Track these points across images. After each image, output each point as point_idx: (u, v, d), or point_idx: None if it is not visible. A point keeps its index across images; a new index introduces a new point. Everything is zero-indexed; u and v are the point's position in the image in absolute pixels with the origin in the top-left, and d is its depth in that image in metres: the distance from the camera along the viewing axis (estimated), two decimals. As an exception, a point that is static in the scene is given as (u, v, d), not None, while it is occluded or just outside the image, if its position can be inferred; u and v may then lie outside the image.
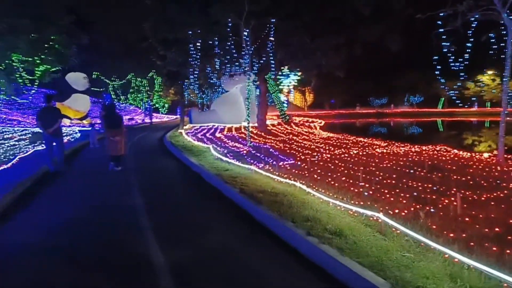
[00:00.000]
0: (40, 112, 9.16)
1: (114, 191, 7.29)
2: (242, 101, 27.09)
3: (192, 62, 14.15)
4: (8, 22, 11.67)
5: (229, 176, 8.05)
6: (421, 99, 75.82)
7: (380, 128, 34.62)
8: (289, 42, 14.06)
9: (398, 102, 77.66)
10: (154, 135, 21.56)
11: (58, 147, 9.25)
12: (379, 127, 36.97)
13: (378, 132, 29.71)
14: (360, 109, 77.28)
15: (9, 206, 6.07)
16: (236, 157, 10.29)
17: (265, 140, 14.12)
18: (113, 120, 9.53)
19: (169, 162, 11.06)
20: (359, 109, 78.05)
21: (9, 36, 12.26)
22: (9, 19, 11.66)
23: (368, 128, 34.44)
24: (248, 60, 10.79)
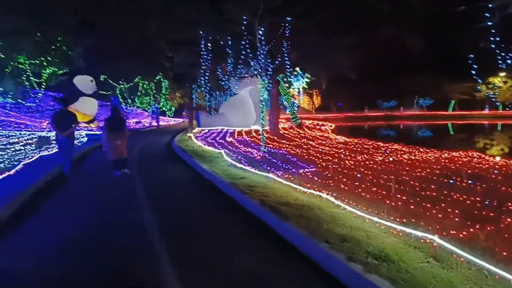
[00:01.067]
0: (55, 115, 9.15)
1: (121, 204, 6.69)
2: (251, 104, 26.55)
3: (202, 64, 13.55)
4: (10, 22, 11.23)
5: (245, 185, 7.44)
6: (430, 102, 74.86)
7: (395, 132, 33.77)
8: (303, 42, 13.44)
9: (407, 105, 76.68)
10: (162, 139, 21.04)
11: (68, 151, 9.26)
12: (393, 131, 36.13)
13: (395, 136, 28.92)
14: (369, 112, 76.42)
15: (3, 223, 5.49)
16: (251, 164, 9.68)
17: (279, 145, 13.48)
18: (116, 123, 9.25)
19: (179, 168, 10.48)
20: (368, 112, 77.17)
21: (13, 37, 11.83)
22: (11, 19, 11.22)
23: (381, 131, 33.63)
24: (262, 61, 10.20)
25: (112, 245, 4.64)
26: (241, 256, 4.29)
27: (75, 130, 9.64)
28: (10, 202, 6.21)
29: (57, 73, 15.70)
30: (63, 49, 14.11)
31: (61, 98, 9.77)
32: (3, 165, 9.96)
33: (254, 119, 27.16)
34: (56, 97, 37.20)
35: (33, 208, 6.37)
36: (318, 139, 16.01)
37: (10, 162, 10.41)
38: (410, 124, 47.65)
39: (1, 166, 9.79)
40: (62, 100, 9.48)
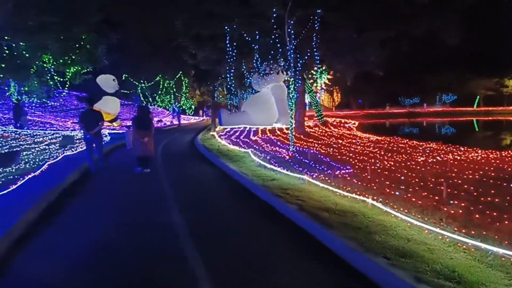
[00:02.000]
0: (83, 114, 9.55)
1: (147, 206, 6.32)
2: (273, 102, 26.04)
3: (228, 59, 13.10)
4: (36, 19, 11.10)
5: (278, 187, 6.97)
6: (454, 98, 72.58)
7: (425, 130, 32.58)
8: (334, 37, 12.77)
9: (430, 101, 74.49)
10: (184, 137, 20.80)
11: (98, 147, 9.62)
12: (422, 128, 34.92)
13: (426, 134, 27.80)
14: (391, 109, 74.57)
15: (30, 225, 5.21)
16: (281, 164, 9.19)
17: (307, 144, 12.93)
18: (144, 122, 9.43)
19: (205, 169, 10.09)
20: (390, 109, 75.33)
21: (39, 35, 11.72)
22: (37, 16, 11.09)
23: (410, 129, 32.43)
24: (292, 55, 9.66)
25: (141, 253, 4.25)
26: (283, 271, 3.82)
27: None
28: (35, 203, 5.94)
29: (81, 72, 15.58)
30: (88, 47, 13.98)
31: (87, 98, 10.26)
32: (28, 165, 9.84)
33: (277, 117, 26.64)
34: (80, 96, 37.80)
35: (59, 209, 6.08)
36: (347, 137, 15.35)
37: (35, 162, 10.29)
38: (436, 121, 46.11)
39: (27, 167, 9.67)
40: (89, 100, 9.82)
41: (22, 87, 16.31)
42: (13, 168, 9.43)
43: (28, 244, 4.60)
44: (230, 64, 13.48)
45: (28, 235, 4.89)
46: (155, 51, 40.72)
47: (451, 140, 12.81)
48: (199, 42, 15.90)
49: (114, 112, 28.50)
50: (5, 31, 11.20)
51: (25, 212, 5.38)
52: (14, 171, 9.07)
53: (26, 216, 5.29)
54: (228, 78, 15.99)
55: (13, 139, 15.24)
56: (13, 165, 9.72)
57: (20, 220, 5.05)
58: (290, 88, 10.67)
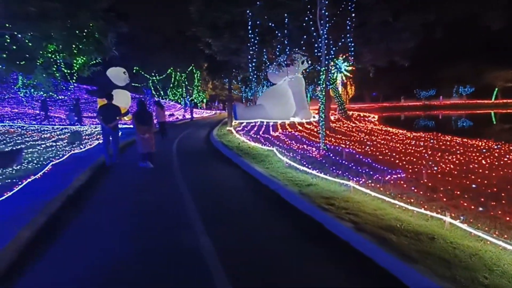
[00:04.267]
0: (101, 108, 9.72)
1: (166, 224, 5.22)
2: (291, 95, 24.82)
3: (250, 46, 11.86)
4: (36, 5, 10.08)
5: (318, 195, 5.82)
6: (471, 90, 70.40)
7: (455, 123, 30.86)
8: (366, 21, 11.38)
9: (446, 93, 72.29)
10: (199, 133, 19.73)
11: (114, 141, 9.74)
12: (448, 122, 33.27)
13: (460, 128, 26.18)
14: (406, 102, 72.52)
15: (19, 253, 4.15)
16: (313, 165, 8.03)
17: (337, 141, 11.69)
18: (144, 117, 9.29)
19: (227, 170, 8.97)
20: (404, 101, 73.26)
21: (42, 23, 10.71)
22: (37, 2, 10.06)
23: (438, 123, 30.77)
24: (325, 41, 8.42)
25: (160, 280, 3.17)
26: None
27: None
28: (31, 218, 4.91)
29: (89, 63, 14.56)
30: (96, 36, 12.94)
31: (106, 93, 10.18)
32: (31, 165, 8.88)
33: (294, 110, 25.44)
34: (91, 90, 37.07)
35: (59, 227, 5.04)
36: (379, 133, 14.03)
37: (39, 162, 9.33)
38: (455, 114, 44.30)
39: (29, 167, 8.71)
40: (108, 94, 9.92)
41: (28, 80, 15.37)
42: (14, 168, 8.48)
43: (14, 282, 3.55)
44: (252, 52, 12.22)
45: (14, 268, 3.82)
46: (166, 43, 39.63)
47: (502, 137, 11.42)
48: (215, 30, 14.65)
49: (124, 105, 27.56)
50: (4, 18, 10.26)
51: (16, 233, 4.33)
52: (14, 172, 8.12)
53: (16, 239, 4.24)
54: (250, 68, 14.72)
55: (19, 135, 14.38)
56: (15, 165, 8.77)
57: (6, 247, 4.00)
58: (321, 79, 9.45)
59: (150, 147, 9.24)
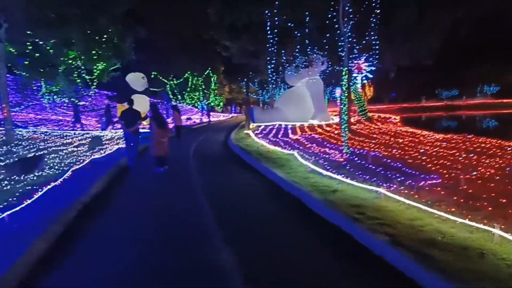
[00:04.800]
0: (123, 113, 10.09)
1: (185, 232, 4.98)
2: (308, 97, 24.40)
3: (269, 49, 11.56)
4: (56, 10, 10.10)
5: (346, 203, 5.47)
6: (496, 89, 68.11)
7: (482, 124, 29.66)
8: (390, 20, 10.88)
9: (469, 93, 70.14)
10: (217, 136, 19.56)
11: (134, 145, 10.03)
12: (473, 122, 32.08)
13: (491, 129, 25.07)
14: (427, 102, 70.76)
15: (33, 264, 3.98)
16: (337, 169, 7.67)
17: (360, 144, 11.27)
18: (161, 121, 9.31)
19: (247, 176, 8.69)
20: (425, 102, 71.50)
21: (62, 29, 10.75)
22: (57, 8, 10.09)
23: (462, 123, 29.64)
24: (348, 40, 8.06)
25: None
26: None
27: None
28: (47, 228, 4.75)
29: (109, 69, 14.61)
30: (114, 41, 12.95)
31: (128, 99, 10.62)
32: (52, 171, 8.84)
33: (312, 113, 25.01)
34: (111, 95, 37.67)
35: (75, 236, 4.86)
36: (404, 135, 13.48)
37: (60, 168, 9.29)
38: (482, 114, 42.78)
39: (50, 173, 8.66)
40: (130, 100, 10.28)
41: (50, 86, 15.56)
42: (35, 175, 8.44)
43: None
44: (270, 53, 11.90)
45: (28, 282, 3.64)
46: (183, 48, 39.82)
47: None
48: (233, 32, 14.43)
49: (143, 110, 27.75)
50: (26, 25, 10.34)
51: (30, 245, 4.16)
52: (36, 178, 8.06)
53: (30, 252, 4.07)
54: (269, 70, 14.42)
55: (42, 141, 14.51)
56: (36, 171, 8.74)
57: (20, 259, 3.83)
58: (343, 80, 9.09)
59: (164, 150, 9.20)
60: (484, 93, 71.31)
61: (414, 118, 40.27)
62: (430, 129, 16.97)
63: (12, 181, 7.63)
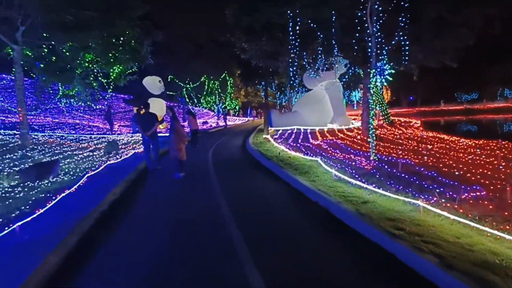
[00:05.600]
0: (139, 117, 10.12)
1: (205, 244, 4.59)
2: (327, 101, 23.86)
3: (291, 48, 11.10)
4: (74, 14, 9.95)
5: (381, 216, 4.98)
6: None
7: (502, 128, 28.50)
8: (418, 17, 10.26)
9: (489, 96, 68.21)
10: (234, 141, 19.21)
11: (154, 148, 10.13)
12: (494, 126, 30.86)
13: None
14: (445, 106, 69.13)
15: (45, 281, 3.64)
16: (365, 177, 7.17)
17: (386, 150, 10.69)
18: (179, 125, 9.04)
19: (269, 183, 8.26)
20: (444, 105, 69.87)
21: (79, 33, 10.59)
22: (75, 11, 9.94)
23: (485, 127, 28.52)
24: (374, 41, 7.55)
25: None
26: None
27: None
28: (60, 240, 4.43)
29: (126, 72, 14.43)
30: (132, 44, 12.77)
31: (144, 102, 10.72)
32: (67, 177, 8.61)
33: (331, 117, 24.43)
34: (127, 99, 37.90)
35: (90, 248, 4.52)
36: (432, 140, 12.79)
37: (75, 173, 9.07)
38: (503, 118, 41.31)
39: (64, 179, 8.43)
40: (145, 104, 10.27)
41: (67, 89, 15.48)
42: (50, 181, 8.21)
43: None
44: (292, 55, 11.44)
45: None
46: (199, 52, 39.87)
47: None
48: (252, 33, 14.06)
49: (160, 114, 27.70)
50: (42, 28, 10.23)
51: (42, 260, 3.83)
52: (50, 185, 7.83)
53: (41, 268, 3.73)
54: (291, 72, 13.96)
55: (58, 145, 14.43)
56: (51, 177, 8.52)
57: (30, 277, 3.49)
58: (371, 82, 8.58)
59: (183, 155, 8.94)
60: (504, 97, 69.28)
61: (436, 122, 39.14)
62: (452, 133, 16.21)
63: (25, 188, 7.42)
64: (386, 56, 8.13)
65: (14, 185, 7.77)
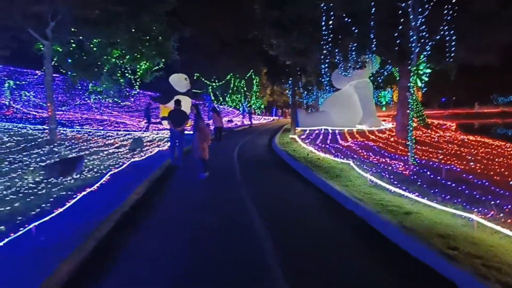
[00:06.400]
0: (171, 113, 10.35)
1: (233, 255, 4.17)
2: (357, 100, 23.02)
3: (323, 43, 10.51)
4: (102, 8, 9.80)
5: (429, 232, 4.41)
6: None
7: None
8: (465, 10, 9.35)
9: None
10: (260, 140, 18.77)
11: (180, 145, 10.27)
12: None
13: None
14: (480, 108, 66.09)
15: None
16: (404, 184, 6.55)
17: (425, 154, 9.94)
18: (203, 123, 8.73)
19: (299, 187, 7.76)
20: (479, 108, 66.83)
21: (106, 28, 10.47)
22: (103, 5, 9.79)
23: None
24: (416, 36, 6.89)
25: None
26: None
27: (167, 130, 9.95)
28: (76, 246, 4.11)
29: (152, 68, 14.28)
30: (159, 39, 12.58)
31: (176, 99, 10.79)
32: (90, 174, 8.44)
33: (360, 117, 23.58)
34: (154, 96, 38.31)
35: (108, 254, 4.19)
36: (475, 145, 11.86)
37: (99, 170, 8.90)
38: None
39: (88, 176, 8.26)
40: (177, 101, 10.55)
41: (95, 86, 15.52)
42: (73, 177, 8.05)
43: None
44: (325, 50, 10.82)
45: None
46: (226, 50, 39.64)
47: None
48: (281, 29, 13.51)
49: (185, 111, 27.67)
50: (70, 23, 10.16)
51: (57, 266, 3.52)
52: (73, 182, 7.65)
53: (54, 276, 3.41)
54: (323, 70, 13.37)
55: (85, 141, 14.47)
56: (74, 174, 8.36)
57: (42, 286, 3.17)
58: (411, 82, 7.91)
59: (206, 155, 8.62)
60: (547, 99, 65.50)
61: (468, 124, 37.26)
62: (487, 137, 15.09)
63: (48, 184, 7.26)
64: (429, 52, 7.44)
65: (38, 181, 7.65)
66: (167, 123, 10.58)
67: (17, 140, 11.42)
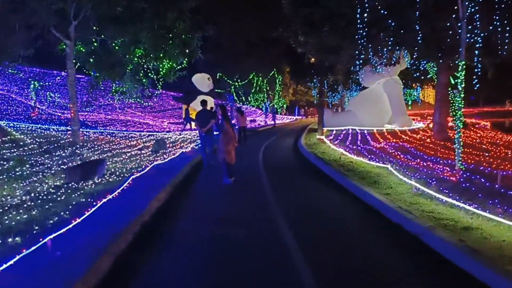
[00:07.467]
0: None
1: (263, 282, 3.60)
2: (385, 100, 22.01)
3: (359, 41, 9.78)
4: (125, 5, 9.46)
5: (500, 255, 3.68)
6: None
7: None
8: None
9: None
10: (285, 141, 18.15)
11: (209, 145, 10.36)
12: None
13: None
14: (511, 106, 62.92)
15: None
16: (455, 193, 5.80)
17: (471, 157, 9.06)
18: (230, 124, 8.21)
19: (333, 194, 7.11)
20: (510, 106, 63.65)
21: (129, 25, 10.15)
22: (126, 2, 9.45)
23: None
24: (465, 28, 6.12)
25: None
26: None
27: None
28: (93, 263, 3.66)
29: (175, 68, 13.93)
30: (182, 37, 12.19)
31: (201, 100, 10.84)
32: (112, 178, 8.08)
33: (389, 117, 22.56)
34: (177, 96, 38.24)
35: (124, 274, 3.71)
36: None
37: (121, 174, 8.54)
38: None
39: (109, 180, 7.90)
40: (203, 101, 10.59)
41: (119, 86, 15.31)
42: (94, 182, 7.71)
43: None
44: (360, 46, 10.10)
45: None
46: (248, 49, 39.18)
47: None
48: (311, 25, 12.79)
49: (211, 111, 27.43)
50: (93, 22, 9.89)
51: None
52: (94, 186, 7.30)
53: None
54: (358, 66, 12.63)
55: (108, 142, 14.29)
56: (96, 177, 8.03)
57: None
58: (459, 77, 7.12)
59: (232, 158, 8.03)
60: None
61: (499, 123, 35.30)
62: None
63: (69, 189, 6.92)
64: (481, 45, 6.63)
65: (58, 185, 7.35)
66: (195, 125, 10.66)
67: (39, 141, 11.27)
